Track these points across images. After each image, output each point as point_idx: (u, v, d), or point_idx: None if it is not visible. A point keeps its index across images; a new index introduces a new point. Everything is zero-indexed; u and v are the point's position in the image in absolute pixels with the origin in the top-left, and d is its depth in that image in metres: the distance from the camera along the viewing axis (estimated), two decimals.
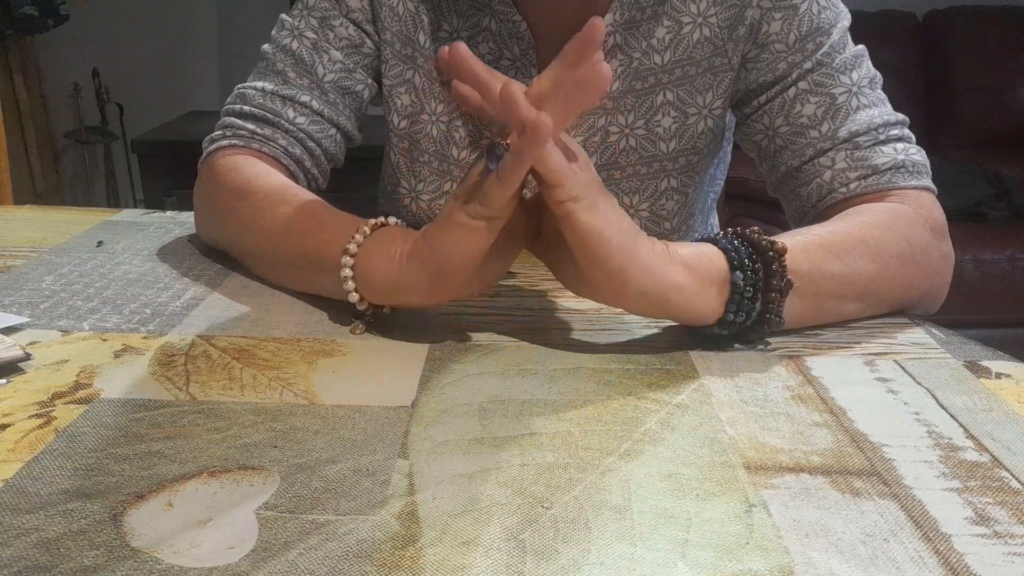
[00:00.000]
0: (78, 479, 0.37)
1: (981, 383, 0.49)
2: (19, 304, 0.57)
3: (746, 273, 0.50)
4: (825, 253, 0.55)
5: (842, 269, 0.55)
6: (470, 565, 0.32)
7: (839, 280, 0.55)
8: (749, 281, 0.50)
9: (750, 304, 0.50)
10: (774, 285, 0.50)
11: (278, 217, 0.60)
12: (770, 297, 0.50)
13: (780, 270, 0.50)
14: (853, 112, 0.66)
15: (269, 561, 0.32)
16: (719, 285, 0.50)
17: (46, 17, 2.47)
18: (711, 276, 0.50)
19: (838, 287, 0.55)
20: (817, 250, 0.55)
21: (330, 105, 0.72)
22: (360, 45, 0.73)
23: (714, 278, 0.50)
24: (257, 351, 0.51)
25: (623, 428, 0.43)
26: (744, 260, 0.50)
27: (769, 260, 0.50)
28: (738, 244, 0.51)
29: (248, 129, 0.70)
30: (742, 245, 0.51)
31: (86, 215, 0.81)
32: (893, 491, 0.38)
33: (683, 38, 0.69)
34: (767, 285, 0.50)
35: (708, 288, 0.50)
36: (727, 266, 0.50)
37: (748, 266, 0.50)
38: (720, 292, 0.50)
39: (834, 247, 0.55)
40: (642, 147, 0.72)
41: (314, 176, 0.74)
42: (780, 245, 0.51)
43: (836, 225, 0.59)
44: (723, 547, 0.34)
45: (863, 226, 0.59)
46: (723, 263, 0.50)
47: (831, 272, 0.55)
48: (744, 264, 0.50)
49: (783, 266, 0.50)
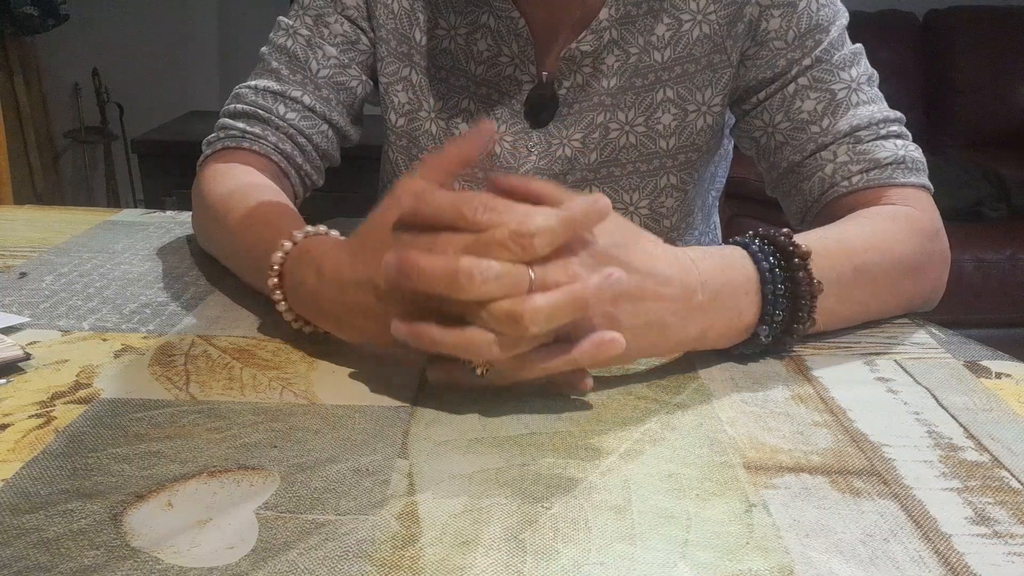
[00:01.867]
0: (78, 479, 0.37)
1: (981, 383, 0.49)
2: (19, 304, 0.57)
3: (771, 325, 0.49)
4: (845, 258, 0.54)
5: (857, 274, 0.55)
6: (470, 565, 0.32)
7: (857, 284, 0.55)
8: (774, 332, 0.49)
9: (778, 327, 0.50)
10: (799, 322, 0.50)
11: (231, 226, 0.60)
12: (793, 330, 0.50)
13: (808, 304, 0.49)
14: (853, 107, 0.66)
15: (269, 561, 0.32)
16: (748, 326, 0.49)
17: (46, 17, 2.47)
18: (747, 324, 0.49)
19: (855, 291, 0.55)
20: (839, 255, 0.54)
21: (323, 100, 0.72)
22: (355, 41, 0.73)
23: (749, 324, 0.49)
24: (257, 351, 0.51)
25: (623, 428, 0.43)
26: (778, 299, 0.49)
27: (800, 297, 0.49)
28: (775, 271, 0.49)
29: (239, 128, 0.70)
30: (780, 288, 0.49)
31: (86, 215, 0.81)
32: (893, 491, 0.38)
33: (683, 35, 0.69)
34: (793, 318, 0.50)
35: (741, 334, 0.49)
36: (759, 303, 0.49)
37: (770, 314, 0.49)
38: (748, 331, 0.49)
39: (854, 255, 0.55)
40: (642, 144, 0.72)
41: (307, 172, 0.74)
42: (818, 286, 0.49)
43: (850, 230, 0.58)
44: (723, 547, 0.34)
45: (875, 234, 0.58)
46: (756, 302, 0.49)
47: (850, 277, 0.54)
48: (777, 301, 0.49)
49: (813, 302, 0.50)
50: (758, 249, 0.50)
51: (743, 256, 0.49)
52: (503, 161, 0.74)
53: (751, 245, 0.50)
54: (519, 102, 0.72)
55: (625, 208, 0.75)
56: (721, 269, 0.48)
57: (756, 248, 0.50)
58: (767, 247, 0.50)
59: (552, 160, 0.73)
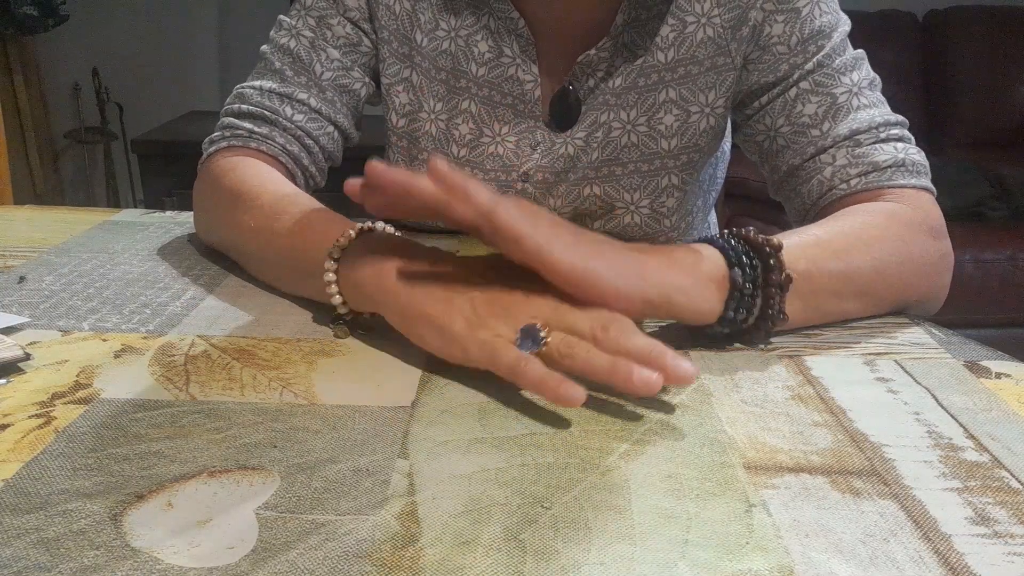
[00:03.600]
0: (78, 479, 0.37)
1: (981, 383, 0.49)
2: (19, 304, 0.57)
3: (744, 270, 0.50)
4: (822, 251, 0.55)
5: (839, 267, 0.55)
6: (470, 565, 0.32)
7: (837, 278, 0.55)
8: (748, 277, 0.50)
9: (750, 301, 0.50)
10: (773, 280, 0.50)
11: (268, 217, 0.59)
12: (770, 292, 0.50)
13: (778, 265, 0.50)
14: (854, 111, 0.66)
15: (269, 561, 0.32)
16: (718, 282, 0.50)
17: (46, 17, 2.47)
18: (709, 274, 0.50)
19: (836, 285, 0.55)
20: (814, 248, 0.55)
21: (328, 103, 0.72)
22: (358, 43, 0.74)
23: (712, 276, 0.50)
24: (257, 351, 0.51)
25: (623, 428, 0.43)
26: (741, 257, 0.50)
27: (766, 256, 0.50)
28: (735, 243, 0.51)
29: (246, 128, 0.70)
30: (738, 243, 0.51)
31: (86, 215, 0.81)
32: (893, 491, 0.38)
33: (687, 37, 0.69)
34: (766, 280, 0.50)
35: (707, 285, 0.50)
36: (725, 263, 0.50)
37: (746, 263, 0.50)
38: (720, 289, 0.50)
39: (831, 245, 0.56)
40: (644, 144, 0.73)
41: (312, 174, 0.74)
42: (776, 242, 0.51)
43: (833, 224, 0.59)
44: (723, 547, 0.34)
45: (860, 225, 0.59)
46: (721, 261, 0.50)
47: (829, 269, 0.55)
48: (742, 261, 0.50)
49: (780, 261, 0.50)
50: (723, 242, 0.51)
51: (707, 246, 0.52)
52: (506, 160, 0.74)
53: (716, 240, 0.52)
54: (522, 101, 0.72)
55: (626, 207, 0.75)
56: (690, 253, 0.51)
57: (722, 242, 0.52)
58: (733, 240, 0.52)
59: (554, 158, 0.73)
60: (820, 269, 0.54)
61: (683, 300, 0.49)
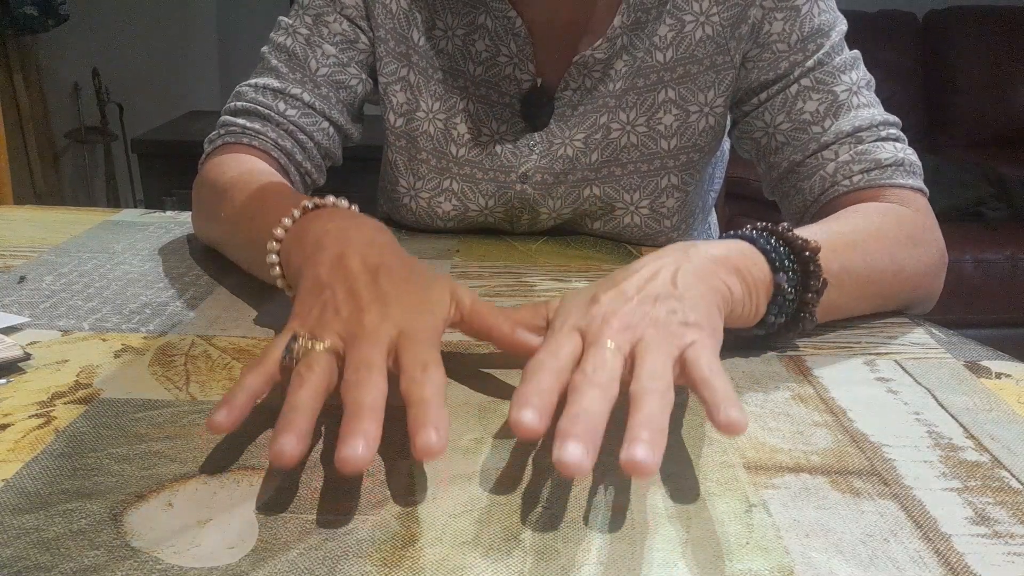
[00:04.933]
0: (78, 479, 0.37)
1: (981, 383, 0.49)
2: (19, 304, 0.57)
3: (788, 274, 0.49)
4: (851, 252, 0.55)
5: (865, 270, 0.55)
6: (470, 565, 0.32)
7: (862, 281, 0.55)
8: (791, 282, 0.49)
9: (790, 305, 0.50)
10: (812, 286, 0.49)
11: (239, 205, 0.59)
12: (807, 298, 0.50)
13: (816, 270, 0.49)
14: (854, 109, 0.67)
15: (269, 561, 0.32)
16: (765, 287, 0.49)
17: (46, 17, 2.47)
18: (758, 281, 0.48)
19: (860, 287, 0.55)
20: (844, 248, 0.54)
21: (322, 98, 0.72)
22: (354, 41, 0.74)
23: (760, 281, 0.48)
24: (257, 351, 0.51)
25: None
26: (784, 261, 0.49)
27: (806, 260, 0.49)
28: (776, 243, 0.50)
29: (239, 124, 0.70)
30: (780, 245, 0.50)
31: (86, 215, 0.81)
32: (893, 491, 0.38)
33: (685, 36, 0.69)
34: (805, 286, 0.49)
35: (758, 292, 0.48)
36: (769, 268, 0.49)
37: (788, 267, 0.49)
38: (765, 294, 0.49)
39: (858, 245, 0.55)
40: (643, 144, 0.73)
41: (307, 170, 0.73)
42: (814, 244, 0.50)
43: (854, 222, 0.59)
44: (723, 547, 0.34)
45: (877, 227, 0.59)
46: (766, 266, 0.49)
47: (857, 272, 0.55)
48: (785, 265, 0.49)
49: (819, 266, 0.49)
50: (765, 242, 0.50)
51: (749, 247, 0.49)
52: (504, 160, 0.74)
53: (757, 240, 0.50)
54: (519, 101, 0.72)
55: (626, 208, 0.75)
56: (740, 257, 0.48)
57: (763, 243, 0.50)
58: (775, 240, 0.50)
59: (553, 159, 0.73)
60: (849, 272, 0.54)
61: (738, 310, 0.48)
